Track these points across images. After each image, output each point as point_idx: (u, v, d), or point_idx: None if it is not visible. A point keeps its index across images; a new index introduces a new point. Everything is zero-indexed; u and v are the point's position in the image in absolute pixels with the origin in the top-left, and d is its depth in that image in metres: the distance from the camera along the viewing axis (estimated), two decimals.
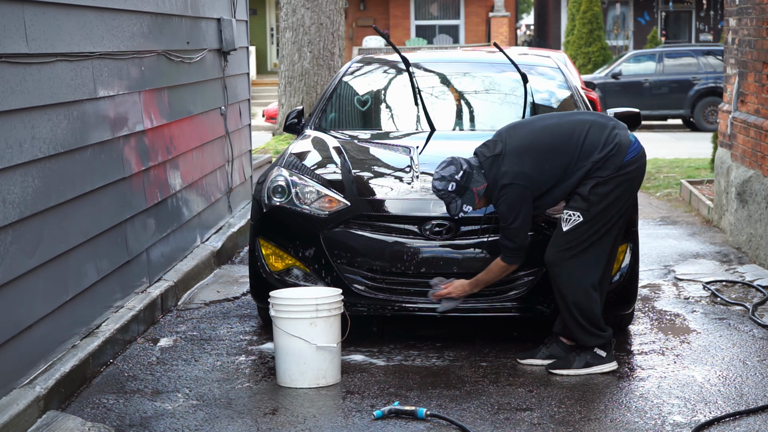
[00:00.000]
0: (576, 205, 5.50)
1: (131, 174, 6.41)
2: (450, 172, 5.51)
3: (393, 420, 4.91)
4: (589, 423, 4.88)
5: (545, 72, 7.75)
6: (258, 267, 6.18)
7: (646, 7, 35.47)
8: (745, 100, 8.94)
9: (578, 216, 5.48)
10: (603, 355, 5.60)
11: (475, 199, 5.53)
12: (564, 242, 5.52)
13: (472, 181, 5.51)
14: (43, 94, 5.12)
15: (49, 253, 5.15)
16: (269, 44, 36.24)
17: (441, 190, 5.52)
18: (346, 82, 7.73)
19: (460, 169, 5.51)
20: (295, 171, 6.28)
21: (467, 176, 5.50)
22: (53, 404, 4.92)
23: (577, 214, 5.48)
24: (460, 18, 35.33)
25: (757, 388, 5.34)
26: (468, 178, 5.50)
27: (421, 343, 6.14)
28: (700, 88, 22.50)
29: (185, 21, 7.80)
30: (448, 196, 5.52)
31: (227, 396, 5.27)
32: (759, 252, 8.13)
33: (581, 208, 5.48)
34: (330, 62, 17.66)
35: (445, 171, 5.53)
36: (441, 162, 5.58)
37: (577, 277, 5.53)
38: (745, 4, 8.89)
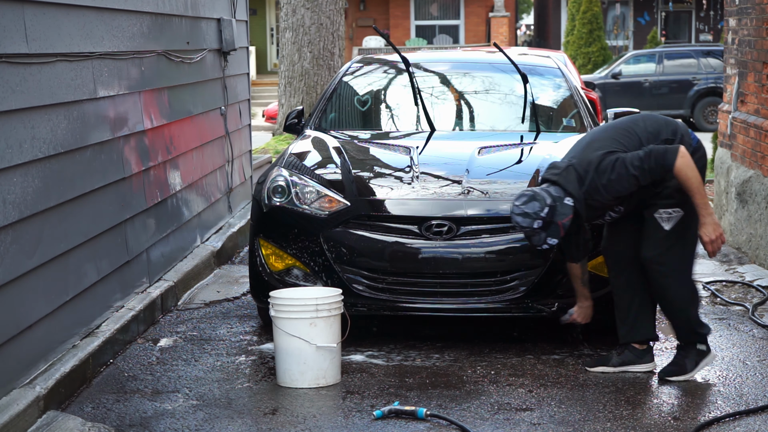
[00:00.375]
0: (671, 202, 5.34)
1: (131, 174, 6.41)
2: (534, 209, 5.30)
3: (393, 420, 4.91)
4: (589, 423, 4.88)
5: (545, 72, 7.75)
6: (258, 267, 6.18)
7: (646, 7, 35.47)
8: (745, 100, 8.94)
9: (679, 210, 5.34)
10: (704, 349, 5.54)
11: (560, 232, 5.34)
12: (669, 241, 5.37)
13: (557, 215, 5.30)
14: (43, 94, 5.12)
15: (49, 253, 5.15)
16: (269, 44, 36.24)
17: (525, 227, 5.34)
18: (346, 82, 7.74)
19: (545, 205, 5.29)
20: (295, 171, 6.28)
21: (552, 211, 5.30)
22: (53, 404, 4.92)
23: (677, 209, 5.34)
24: (460, 18, 35.33)
25: (757, 388, 5.34)
26: (553, 213, 5.30)
27: (421, 343, 6.14)
28: (699, 89, 22.50)
29: (185, 21, 7.80)
30: (532, 231, 5.35)
31: (227, 396, 5.27)
32: (759, 252, 8.13)
33: (678, 202, 5.33)
34: (330, 62, 17.66)
35: (528, 207, 5.31)
36: (522, 194, 5.37)
37: (685, 272, 5.45)
38: (745, 4, 8.89)
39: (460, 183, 6.11)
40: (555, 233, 5.34)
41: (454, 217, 5.88)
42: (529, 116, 7.24)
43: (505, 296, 5.89)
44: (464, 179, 6.13)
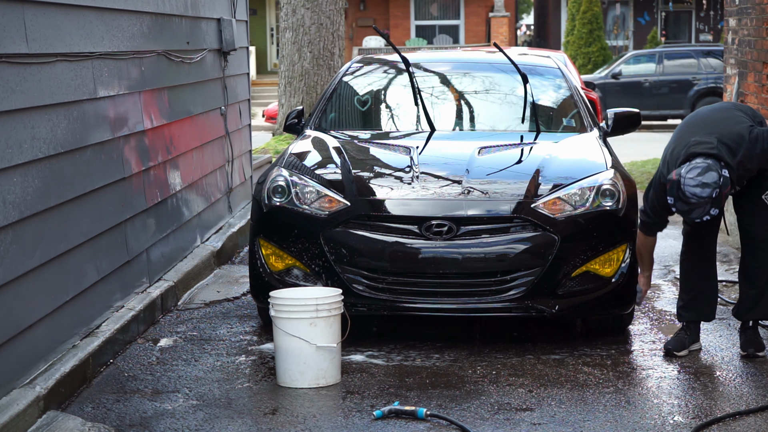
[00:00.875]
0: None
1: (131, 174, 6.41)
2: (713, 179, 5.35)
3: (393, 420, 4.91)
4: (589, 423, 4.88)
5: (545, 72, 7.75)
6: (258, 267, 6.19)
7: (646, 7, 35.48)
8: (745, 100, 8.94)
9: None
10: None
11: (723, 202, 5.45)
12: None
13: (724, 185, 5.41)
14: (43, 94, 5.12)
15: (49, 253, 5.15)
16: (269, 44, 36.24)
17: (704, 197, 5.37)
18: (346, 82, 7.74)
19: (720, 176, 5.37)
20: (295, 171, 6.28)
21: (726, 182, 5.40)
22: (53, 404, 4.92)
23: None
24: (460, 18, 35.33)
25: (757, 388, 5.34)
26: (726, 184, 5.40)
27: (421, 343, 6.14)
28: (700, 89, 22.51)
29: (185, 21, 7.80)
30: (704, 202, 5.39)
31: (227, 396, 5.27)
32: None
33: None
34: (330, 62, 17.65)
35: (706, 177, 5.36)
36: (694, 167, 5.42)
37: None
38: (745, 4, 8.89)
39: (460, 183, 6.11)
40: (718, 203, 5.41)
41: (454, 217, 5.88)
42: (529, 116, 7.24)
43: (505, 296, 5.89)
44: (464, 179, 6.13)
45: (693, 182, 5.37)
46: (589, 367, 5.69)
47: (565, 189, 6.03)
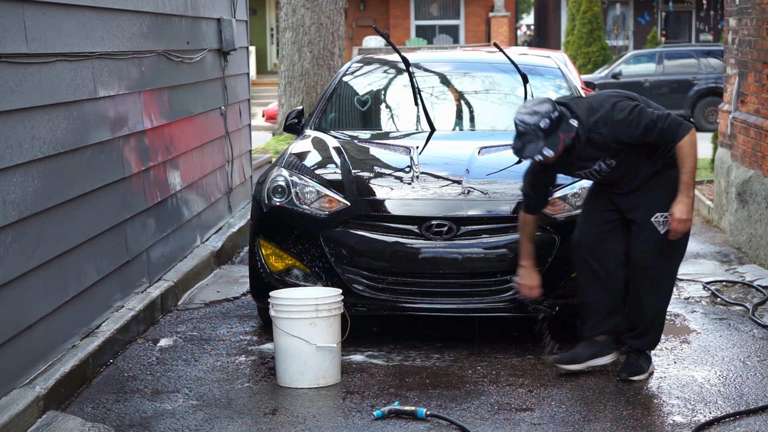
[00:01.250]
0: (665, 204, 5.31)
1: (131, 174, 6.41)
2: (545, 109, 5.18)
3: (393, 420, 4.91)
4: (589, 423, 4.88)
5: (545, 72, 7.75)
6: (258, 267, 6.18)
7: (646, 7, 35.47)
8: (745, 100, 8.94)
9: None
10: (650, 357, 5.62)
11: (559, 146, 5.17)
12: (665, 245, 5.35)
13: (563, 126, 5.20)
14: (43, 94, 5.12)
15: (49, 253, 5.15)
16: (269, 44, 36.24)
17: (530, 124, 5.13)
18: (346, 82, 7.74)
19: (555, 110, 5.19)
20: (295, 171, 6.28)
21: (560, 118, 5.19)
22: (53, 404, 4.92)
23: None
24: (460, 18, 35.32)
25: (757, 388, 5.34)
26: (560, 121, 5.18)
27: (421, 343, 6.14)
28: (700, 89, 22.50)
29: (185, 21, 7.80)
30: (534, 134, 5.16)
31: (227, 396, 5.27)
32: (759, 252, 8.13)
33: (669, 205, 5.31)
34: (330, 62, 17.66)
35: (539, 107, 5.19)
36: (530, 101, 5.30)
37: (671, 279, 5.53)
38: (745, 4, 8.89)
39: (460, 183, 6.11)
40: (554, 145, 5.17)
41: (454, 217, 5.88)
42: None
43: (505, 296, 5.89)
44: (464, 179, 6.13)
45: (524, 110, 5.21)
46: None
47: (565, 189, 6.03)
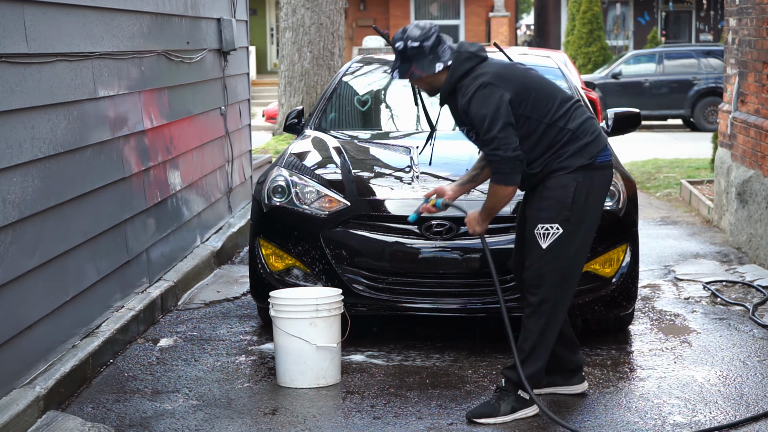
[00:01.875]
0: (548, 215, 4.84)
1: (131, 174, 6.41)
2: (417, 34, 4.83)
3: (393, 420, 4.91)
4: (590, 423, 4.88)
5: (545, 72, 7.73)
6: (258, 267, 6.18)
7: (646, 7, 35.48)
8: (745, 100, 8.94)
9: (557, 228, 4.84)
10: (527, 399, 4.92)
11: (406, 74, 4.87)
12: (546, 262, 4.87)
13: (421, 61, 4.84)
14: (43, 94, 5.12)
15: (49, 253, 5.15)
16: (269, 44, 36.24)
17: (396, 40, 4.87)
18: (346, 82, 7.74)
19: (427, 38, 4.82)
20: (295, 171, 6.28)
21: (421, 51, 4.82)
22: (53, 404, 4.92)
23: (554, 226, 4.84)
24: (460, 18, 35.33)
25: (757, 388, 5.34)
26: (420, 54, 4.83)
27: (421, 343, 6.14)
28: (700, 88, 22.50)
29: (185, 21, 7.80)
30: (395, 52, 4.89)
31: (227, 396, 5.27)
32: (759, 252, 8.13)
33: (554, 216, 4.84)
34: (330, 62, 17.66)
35: (416, 30, 4.86)
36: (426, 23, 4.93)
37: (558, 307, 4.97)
38: (745, 4, 8.89)
39: None
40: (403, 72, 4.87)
41: (454, 217, 5.87)
42: None
43: (505, 296, 5.88)
44: None
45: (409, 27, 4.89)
46: (589, 367, 5.68)
47: None
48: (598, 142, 4.92)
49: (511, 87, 4.82)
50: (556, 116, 4.87)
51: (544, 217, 4.85)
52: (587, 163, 4.86)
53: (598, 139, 4.93)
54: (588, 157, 4.86)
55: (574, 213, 4.84)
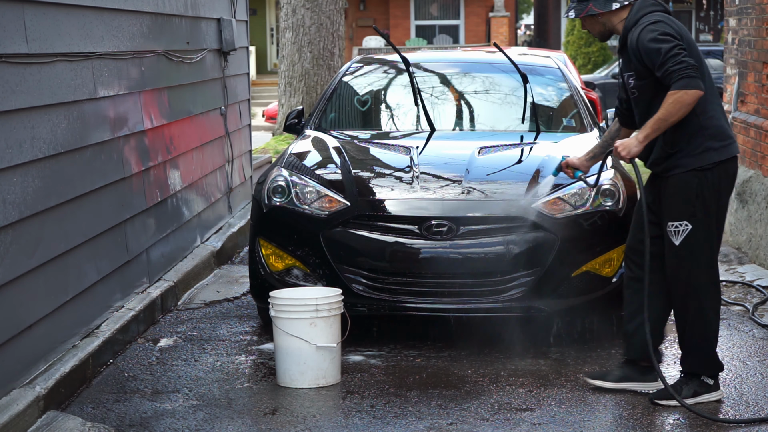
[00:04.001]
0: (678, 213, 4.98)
1: (131, 174, 6.41)
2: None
3: (393, 420, 4.91)
4: (589, 423, 4.88)
5: (545, 72, 7.75)
6: (258, 267, 6.18)
7: None
8: (745, 100, 8.94)
9: (687, 225, 4.95)
10: (711, 384, 5.11)
11: (583, 12, 5.05)
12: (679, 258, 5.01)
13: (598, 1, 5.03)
14: (43, 94, 5.12)
15: (49, 253, 5.15)
16: (269, 44, 36.24)
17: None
18: (346, 82, 7.74)
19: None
20: (295, 171, 6.28)
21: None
22: (53, 404, 4.92)
23: (683, 223, 4.96)
24: (460, 18, 35.33)
25: (757, 388, 5.34)
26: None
27: (421, 343, 6.14)
28: None
29: (185, 21, 7.80)
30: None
31: (227, 396, 5.27)
32: (759, 252, 8.13)
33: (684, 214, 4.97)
34: (330, 62, 17.66)
35: None
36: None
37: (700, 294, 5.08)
38: (745, 4, 8.89)
39: (460, 183, 6.11)
40: (578, 10, 5.05)
41: (454, 218, 5.88)
42: (529, 116, 7.24)
43: (505, 296, 5.89)
44: (464, 179, 6.13)
45: None
46: (589, 367, 5.68)
47: (565, 189, 6.03)
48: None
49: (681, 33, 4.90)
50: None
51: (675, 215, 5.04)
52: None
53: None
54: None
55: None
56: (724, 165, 4.95)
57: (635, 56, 4.92)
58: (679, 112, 4.77)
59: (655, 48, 4.80)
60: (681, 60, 4.74)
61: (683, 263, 4.99)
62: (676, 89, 4.74)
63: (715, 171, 4.93)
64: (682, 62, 4.73)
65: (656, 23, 4.90)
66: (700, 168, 4.91)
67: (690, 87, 4.72)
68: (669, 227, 4.99)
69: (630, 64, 4.98)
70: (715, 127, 4.94)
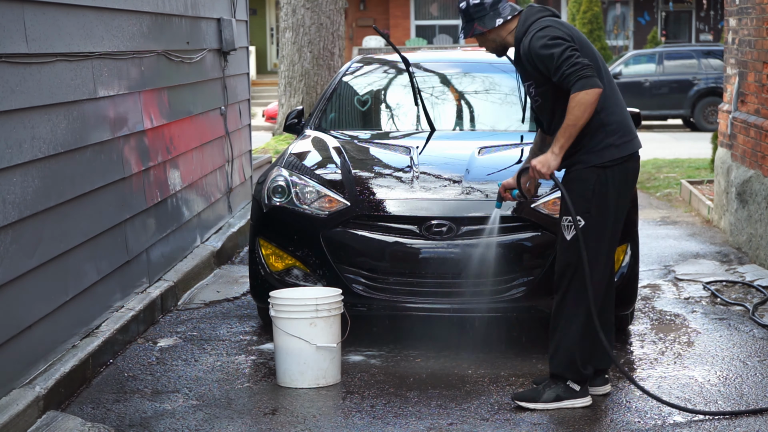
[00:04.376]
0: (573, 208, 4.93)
1: (131, 174, 6.41)
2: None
3: (393, 420, 4.91)
4: (589, 423, 4.88)
5: None
6: (258, 267, 6.18)
7: (646, 7, 35.48)
8: (745, 100, 8.94)
9: (579, 220, 4.92)
10: (576, 390, 5.06)
11: (469, 33, 5.09)
12: (568, 255, 4.98)
13: (483, 18, 5.05)
14: (43, 94, 5.12)
15: (49, 253, 5.15)
16: (269, 44, 36.24)
17: (460, 1, 5.13)
18: (346, 82, 7.74)
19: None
20: (295, 171, 6.28)
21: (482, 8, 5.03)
22: (53, 404, 4.92)
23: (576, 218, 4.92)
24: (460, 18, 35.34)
25: (757, 388, 5.34)
26: (482, 11, 5.04)
27: (421, 343, 6.14)
28: (700, 88, 22.50)
29: (185, 21, 7.80)
30: (460, 13, 5.13)
31: (227, 396, 5.27)
32: (759, 252, 8.13)
33: (580, 209, 4.93)
34: (330, 62, 17.66)
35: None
36: None
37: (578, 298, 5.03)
38: (745, 4, 8.89)
39: (460, 183, 6.11)
40: (466, 31, 5.09)
41: (454, 218, 5.88)
42: (529, 116, 7.24)
43: (505, 296, 5.89)
44: (464, 179, 6.13)
45: None
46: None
47: None
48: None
49: (571, 34, 4.89)
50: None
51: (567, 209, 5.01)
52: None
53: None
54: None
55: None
56: (624, 162, 4.95)
57: (530, 65, 4.93)
58: (584, 113, 4.76)
59: (548, 54, 4.81)
60: (574, 62, 4.74)
61: (570, 260, 4.95)
62: (575, 91, 4.74)
63: (615, 169, 4.92)
64: (576, 63, 4.74)
65: (545, 29, 4.90)
66: (599, 165, 4.90)
67: (588, 86, 4.72)
68: (563, 221, 4.98)
69: (527, 73, 5.01)
70: (617, 123, 4.95)
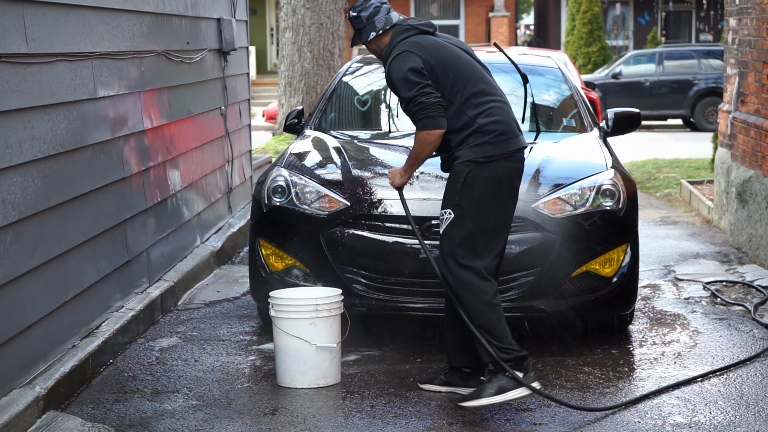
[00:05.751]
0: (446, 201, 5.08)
1: (131, 174, 6.41)
2: (357, 4, 5.25)
3: (393, 420, 4.91)
4: (589, 423, 4.88)
5: (545, 72, 7.74)
6: (258, 267, 6.18)
7: (646, 7, 35.47)
8: (745, 100, 8.94)
9: (449, 213, 5.03)
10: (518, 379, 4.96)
11: (353, 43, 5.34)
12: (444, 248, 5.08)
13: (360, 30, 5.22)
14: (43, 94, 5.12)
15: (49, 253, 5.15)
16: (269, 44, 36.23)
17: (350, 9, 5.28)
18: (346, 82, 7.73)
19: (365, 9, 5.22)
20: (295, 171, 6.28)
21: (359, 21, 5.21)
22: (53, 404, 4.92)
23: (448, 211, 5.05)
24: (460, 18, 35.32)
25: (757, 388, 5.34)
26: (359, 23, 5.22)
27: (421, 343, 6.14)
28: (700, 89, 22.50)
29: (185, 21, 7.80)
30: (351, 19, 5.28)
31: (227, 396, 5.27)
32: (759, 252, 8.13)
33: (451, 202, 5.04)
34: (330, 62, 17.65)
35: (359, 1, 5.28)
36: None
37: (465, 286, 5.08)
38: (745, 4, 8.90)
39: None
40: (353, 40, 5.32)
41: None
42: (529, 116, 7.23)
43: (505, 296, 5.88)
44: None
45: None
46: (589, 367, 5.69)
47: (565, 189, 6.03)
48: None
49: (427, 56, 5.07)
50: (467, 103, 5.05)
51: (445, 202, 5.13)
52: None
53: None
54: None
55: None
56: (500, 160, 5.04)
57: (393, 89, 5.13)
58: (426, 149, 5.05)
59: (400, 87, 5.04)
60: (420, 101, 4.97)
61: (443, 252, 5.06)
62: (418, 130, 5.03)
63: (489, 165, 5.02)
64: (421, 103, 4.97)
65: (402, 54, 5.08)
66: (473, 160, 5.02)
67: (429, 127, 4.98)
68: (441, 215, 5.10)
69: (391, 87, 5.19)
70: (494, 123, 5.06)
